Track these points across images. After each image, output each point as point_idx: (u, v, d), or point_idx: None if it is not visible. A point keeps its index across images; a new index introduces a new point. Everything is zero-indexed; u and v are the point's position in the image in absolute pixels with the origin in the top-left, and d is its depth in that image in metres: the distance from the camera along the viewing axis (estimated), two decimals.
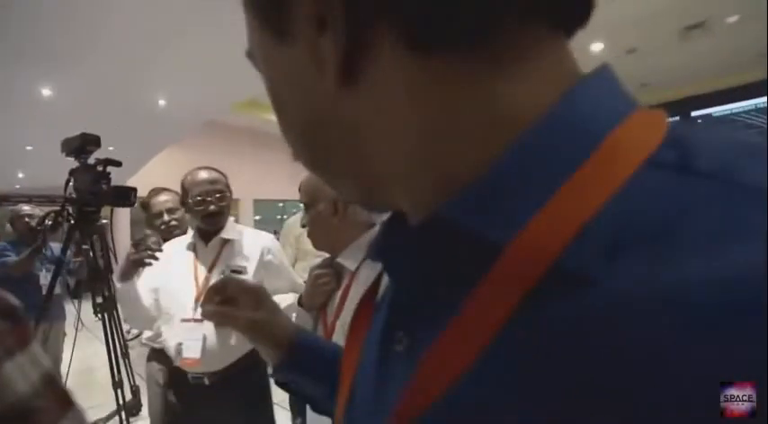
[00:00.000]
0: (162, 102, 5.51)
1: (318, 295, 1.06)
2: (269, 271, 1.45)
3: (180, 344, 1.34)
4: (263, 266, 1.44)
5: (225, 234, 1.44)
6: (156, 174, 5.37)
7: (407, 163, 0.22)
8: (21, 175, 8.92)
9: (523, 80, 0.19)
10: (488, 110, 0.19)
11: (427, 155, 0.21)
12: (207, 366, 1.35)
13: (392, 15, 0.19)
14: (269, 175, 8.86)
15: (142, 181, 3.35)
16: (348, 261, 1.02)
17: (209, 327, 1.31)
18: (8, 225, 3.03)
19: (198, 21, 3.77)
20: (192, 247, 1.45)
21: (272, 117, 0.26)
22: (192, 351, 1.33)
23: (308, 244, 1.32)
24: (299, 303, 1.12)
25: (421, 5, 0.18)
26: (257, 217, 9.61)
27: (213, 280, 1.09)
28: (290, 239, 2.29)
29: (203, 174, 1.43)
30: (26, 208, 3.03)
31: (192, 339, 1.33)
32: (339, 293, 1.01)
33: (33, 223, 2.70)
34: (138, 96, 5.13)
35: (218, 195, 1.40)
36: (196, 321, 1.32)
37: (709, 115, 7.04)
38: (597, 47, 5.73)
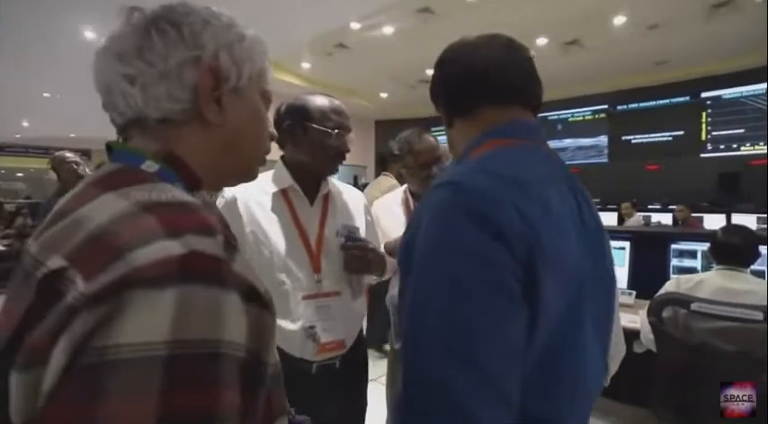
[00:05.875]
0: None
1: None
2: (368, 230, 1.28)
3: (312, 327, 1.07)
4: (366, 225, 1.27)
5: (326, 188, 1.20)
6: None
7: None
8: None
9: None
10: None
11: None
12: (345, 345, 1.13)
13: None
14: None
15: None
16: None
17: (335, 299, 1.12)
18: (51, 173, 2.70)
19: None
20: (289, 206, 1.14)
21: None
22: (332, 333, 1.09)
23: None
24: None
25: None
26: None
27: (327, 244, 1.14)
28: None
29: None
30: (69, 155, 2.71)
31: (325, 318, 1.09)
32: None
33: (80, 170, 2.61)
34: None
35: None
36: (325, 295, 1.10)
37: (719, 97, 7.02)
38: (619, 20, 5.75)
